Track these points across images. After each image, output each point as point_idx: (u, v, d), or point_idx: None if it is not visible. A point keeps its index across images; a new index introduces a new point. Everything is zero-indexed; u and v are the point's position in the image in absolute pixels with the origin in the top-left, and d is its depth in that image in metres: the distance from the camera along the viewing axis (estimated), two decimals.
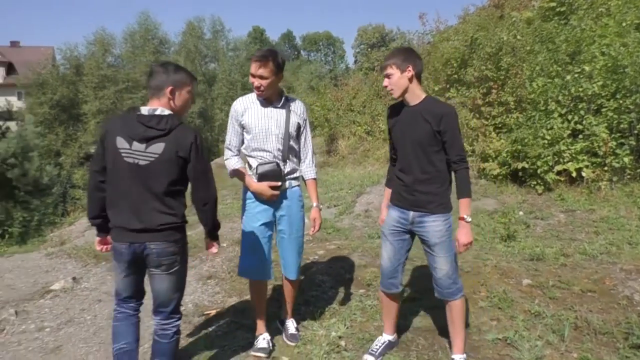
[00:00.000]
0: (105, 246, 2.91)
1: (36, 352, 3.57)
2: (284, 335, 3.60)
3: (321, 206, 3.51)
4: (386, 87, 2.99)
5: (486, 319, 3.86)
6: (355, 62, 56.18)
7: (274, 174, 3.19)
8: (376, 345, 3.38)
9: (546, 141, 7.53)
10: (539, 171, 7.57)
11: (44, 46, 44.58)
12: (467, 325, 3.74)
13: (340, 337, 3.60)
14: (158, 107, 2.63)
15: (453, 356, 3.23)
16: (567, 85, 7.81)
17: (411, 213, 3.05)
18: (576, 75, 7.82)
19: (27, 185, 17.08)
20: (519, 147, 7.72)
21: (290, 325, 3.63)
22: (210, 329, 3.80)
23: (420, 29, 14.38)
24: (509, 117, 8.36)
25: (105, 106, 28.65)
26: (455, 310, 3.14)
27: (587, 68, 7.77)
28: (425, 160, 2.97)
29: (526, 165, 7.66)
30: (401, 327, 3.74)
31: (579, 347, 3.39)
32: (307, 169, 3.48)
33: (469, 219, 2.99)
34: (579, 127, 7.69)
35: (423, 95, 3.00)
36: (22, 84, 33.43)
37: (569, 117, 7.76)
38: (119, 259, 2.71)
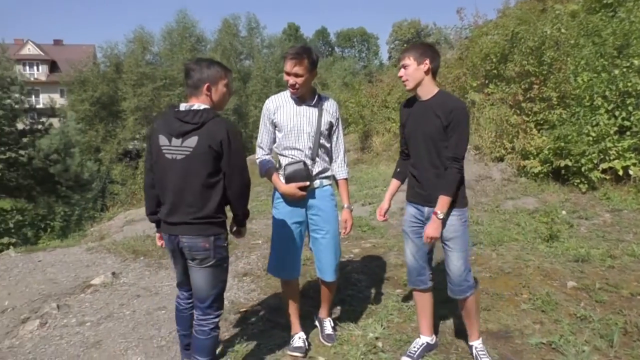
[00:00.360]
0: (162, 241, 2.97)
1: (77, 346, 3.63)
2: (320, 334, 3.56)
3: (352, 207, 3.45)
4: (401, 77, 2.98)
5: (529, 322, 3.73)
6: (390, 58, 55.76)
7: (300, 175, 3.14)
8: (414, 347, 3.31)
9: (591, 138, 7.25)
10: (582, 169, 7.30)
11: (86, 44, 45.96)
12: (508, 327, 3.66)
13: (377, 338, 3.54)
14: (195, 103, 2.68)
15: (471, 343, 3.28)
16: (614, 80, 7.51)
17: (426, 209, 3.04)
18: (624, 70, 7.51)
19: (68, 180, 17.66)
20: (562, 144, 7.45)
21: (327, 325, 3.59)
22: (246, 327, 3.79)
23: (458, 24, 14.08)
24: (552, 114, 8.08)
25: (144, 103, 29.26)
26: (468, 306, 3.16)
27: (636, 62, 7.44)
28: (436, 156, 2.95)
29: (569, 163, 7.39)
30: (440, 329, 3.66)
31: (629, 354, 3.24)
32: (339, 169, 3.43)
33: (441, 216, 2.91)
34: (627, 123, 7.38)
35: (435, 90, 2.99)
36: (64, 81, 34.53)
37: (616, 113, 7.46)
38: (167, 247, 2.85)
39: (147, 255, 5.62)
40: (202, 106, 2.67)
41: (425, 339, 3.35)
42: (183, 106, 2.68)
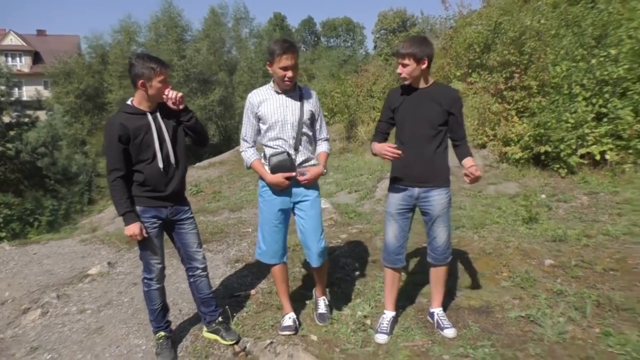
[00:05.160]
0: None
1: (80, 332, 3.79)
2: (314, 312, 3.73)
3: (325, 171, 3.52)
4: (400, 74, 3.21)
5: (509, 298, 3.97)
6: (375, 47, 55.72)
7: (285, 165, 3.28)
8: (384, 323, 3.54)
9: (570, 124, 7.50)
10: (562, 154, 7.56)
11: (70, 35, 45.26)
12: (489, 303, 3.89)
13: (365, 317, 3.76)
14: (131, 98, 3.12)
15: (433, 310, 3.64)
16: (592, 69, 7.76)
17: (416, 189, 3.30)
18: (602, 59, 7.75)
19: (56, 174, 17.59)
20: (542, 130, 7.70)
21: (322, 304, 3.75)
22: (240, 310, 3.96)
23: (443, 13, 14.29)
24: (532, 101, 8.32)
25: (130, 95, 28.92)
26: (442, 272, 3.56)
27: (613, 51, 7.68)
28: (431, 138, 3.23)
29: (549, 149, 7.65)
30: (423, 306, 3.88)
31: (601, 323, 3.48)
32: (321, 145, 3.58)
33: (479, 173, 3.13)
34: (604, 110, 7.63)
35: (431, 79, 3.29)
36: (49, 73, 33.99)
37: (594, 100, 7.71)
38: None
39: None
40: (129, 101, 3.06)
41: (391, 313, 3.60)
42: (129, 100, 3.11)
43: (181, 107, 3.11)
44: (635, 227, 5.38)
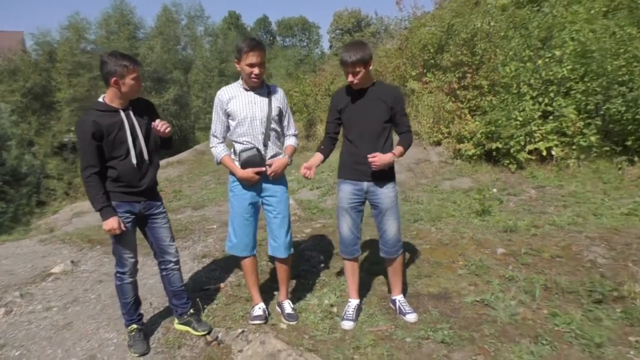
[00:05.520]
0: None
1: (48, 329, 3.77)
2: (282, 316, 3.77)
3: (290, 161, 3.61)
4: (352, 82, 3.33)
5: (465, 285, 4.21)
6: (331, 47, 56.15)
7: (254, 161, 3.39)
8: (349, 310, 3.71)
9: (518, 122, 7.91)
10: (511, 151, 7.97)
11: (12, 31, 43.22)
12: (447, 290, 4.12)
13: (332, 305, 3.91)
14: (102, 95, 3.13)
15: (395, 297, 3.83)
16: (538, 69, 8.21)
17: (365, 183, 3.47)
18: (547, 60, 8.21)
19: (5, 175, 16.89)
20: (493, 128, 8.09)
21: (287, 306, 3.82)
22: (210, 302, 4.03)
23: (397, 14, 14.65)
24: (483, 100, 8.71)
25: (80, 94, 27.93)
26: (398, 263, 3.74)
27: (557, 53, 8.15)
28: (378, 135, 3.41)
29: (499, 146, 8.05)
30: (385, 294, 4.08)
31: (549, 305, 3.76)
32: (288, 140, 3.70)
33: (395, 159, 3.40)
34: (549, 108, 8.11)
35: (373, 79, 3.47)
36: None
37: (540, 99, 8.17)
38: None
39: (103, 243, 5.71)
40: (100, 98, 3.09)
41: (355, 301, 3.78)
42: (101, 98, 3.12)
43: (168, 134, 3.24)
44: (578, 218, 5.77)
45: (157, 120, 3.19)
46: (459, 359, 3.14)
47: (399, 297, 3.82)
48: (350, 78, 3.31)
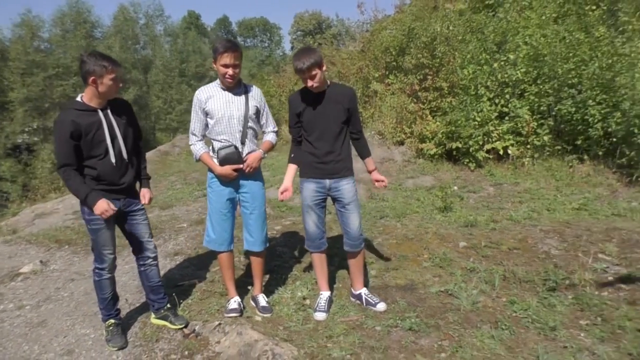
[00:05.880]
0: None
1: (22, 327, 3.78)
2: (257, 309, 3.90)
3: (265, 155, 3.74)
4: (312, 86, 3.47)
5: (429, 276, 4.44)
6: (292, 48, 56.25)
7: (232, 158, 3.51)
8: (321, 302, 3.87)
9: (476, 123, 8.25)
10: (470, 150, 8.30)
11: None
12: (413, 281, 4.34)
13: (304, 298, 4.07)
14: (80, 94, 3.19)
15: (360, 291, 3.99)
16: (494, 72, 8.56)
17: (327, 181, 3.65)
18: (502, 63, 8.58)
19: None
20: (453, 128, 8.39)
21: (262, 299, 3.95)
22: (185, 298, 4.12)
23: (359, 17, 14.90)
24: (443, 101, 9.00)
25: (34, 94, 27.03)
26: (360, 257, 3.92)
27: (511, 56, 8.53)
28: (337, 134, 3.60)
29: (459, 145, 8.36)
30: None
31: (507, 293, 4.03)
32: (267, 135, 3.80)
33: (375, 168, 3.92)
34: (505, 109, 8.48)
35: (328, 81, 3.62)
36: None
37: (496, 100, 8.53)
38: None
39: (71, 243, 5.68)
40: (78, 97, 3.14)
41: (327, 293, 3.95)
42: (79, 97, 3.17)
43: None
44: (533, 213, 6.12)
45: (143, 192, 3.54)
46: (425, 345, 3.33)
47: (363, 290, 3.99)
48: (309, 83, 3.44)
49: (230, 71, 3.41)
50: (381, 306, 3.86)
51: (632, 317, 3.59)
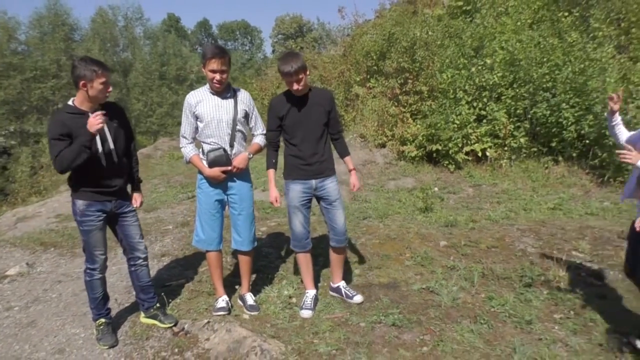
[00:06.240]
0: None
1: (12, 327, 3.81)
2: (244, 308, 3.98)
3: (251, 156, 3.82)
4: (297, 89, 3.61)
5: (412, 274, 4.59)
6: (273, 51, 56.26)
7: (221, 160, 3.61)
8: (307, 300, 3.99)
9: (456, 125, 8.45)
10: (450, 152, 8.50)
11: None
12: (395, 279, 4.48)
13: (290, 297, 4.18)
14: (72, 98, 3.26)
15: (338, 284, 4.18)
16: (472, 76, 8.77)
17: (313, 181, 3.79)
18: (480, 67, 8.80)
19: None
20: (433, 131, 8.58)
21: (249, 298, 4.03)
22: (173, 297, 4.19)
23: (340, 21, 15.06)
24: (424, 105, 9.18)
25: (11, 96, 26.66)
26: (344, 252, 4.15)
27: (488, 61, 8.76)
28: (320, 136, 3.76)
29: (439, 147, 8.55)
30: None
31: (486, 289, 4.20)
32: (255, 138, 3.91)
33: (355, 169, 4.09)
34: (483, 112, 8.70)
35: (309, 85, 3.76)
36: None
37: (474, 104, 8.75)
38: None
39: (56, 246, 5.69)
40: (70, 101, 3.20)
41: (312, 292, 4.07)
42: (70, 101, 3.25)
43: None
44: (511, 213, 6.33)
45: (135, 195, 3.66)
46: (408, 339, 3.48)
47: (342, 283, 4.16)
48: (295, 86, 3.57)
49: (217, 76, 3.50)
50: (358, 298, 4.05)
51: (602, 311, 3.80)
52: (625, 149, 2.99)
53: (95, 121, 3.05)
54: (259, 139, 3.90)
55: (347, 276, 4.54)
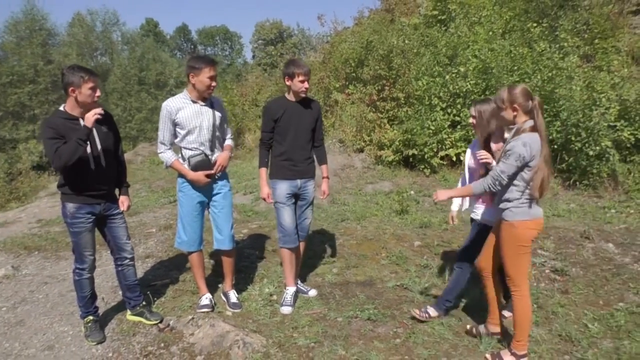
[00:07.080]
0: None
1: (1, 326, 3.91)
2: (227, 305, 4.15)
3: (232, 155, 4.09)
4: (304, 89, 3.93)
5: (387, 272, 4.83)
6: (254, 57, 56.37)
7: (204, 164, 3.79)
8: (288, 297, 4.18)
9: (431, 131, 8.75)
10: (426, 157, 8.79)
11: None
12: (372, 277, 4.71)
13: (271, 295, 4.36)
14: (63, 104, 3.41)
15: (299, 286, 4.43)
16: (446, 84, 9.08)
17: (299, 181, 4.08)
18: (454, 75, 9.10)
19: None
20: (409, 136, 8.86)
21: (232, 295, 4.20)
22: (158, 296, 4.34)
23: (319, 28, 15.30)
24: (400, 111, 9.46)
25: None
26: (303, 247, 4.43)
27: (462, 69, 9.06)
28: (308, 140, 4.09)
29: (415, 152, 8.84)
30: (319, 284, 4.59)
31: None
32: (227, 141, 4.08)
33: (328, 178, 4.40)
34: (457, 119, 9.02)
35: None
36: None
37: (449, 110, 9.06)
38: None
39: (40, 249, 5.77)
40: (61, 107, 3.36)
41: (292, 289, 4.26)
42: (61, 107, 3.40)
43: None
44: None
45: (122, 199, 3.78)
46: (382, 332, 3.70)
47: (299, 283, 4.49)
48: (305, 86, 3.89)
49: (214, 83, 3.72)
50: (313, 292, 4.43)
51: (564, 304, 4.08)
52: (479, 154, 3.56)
53: (91, 115, 3.22)
54: (230, 141, 4.12)
55: (325, 276, 4.77)
